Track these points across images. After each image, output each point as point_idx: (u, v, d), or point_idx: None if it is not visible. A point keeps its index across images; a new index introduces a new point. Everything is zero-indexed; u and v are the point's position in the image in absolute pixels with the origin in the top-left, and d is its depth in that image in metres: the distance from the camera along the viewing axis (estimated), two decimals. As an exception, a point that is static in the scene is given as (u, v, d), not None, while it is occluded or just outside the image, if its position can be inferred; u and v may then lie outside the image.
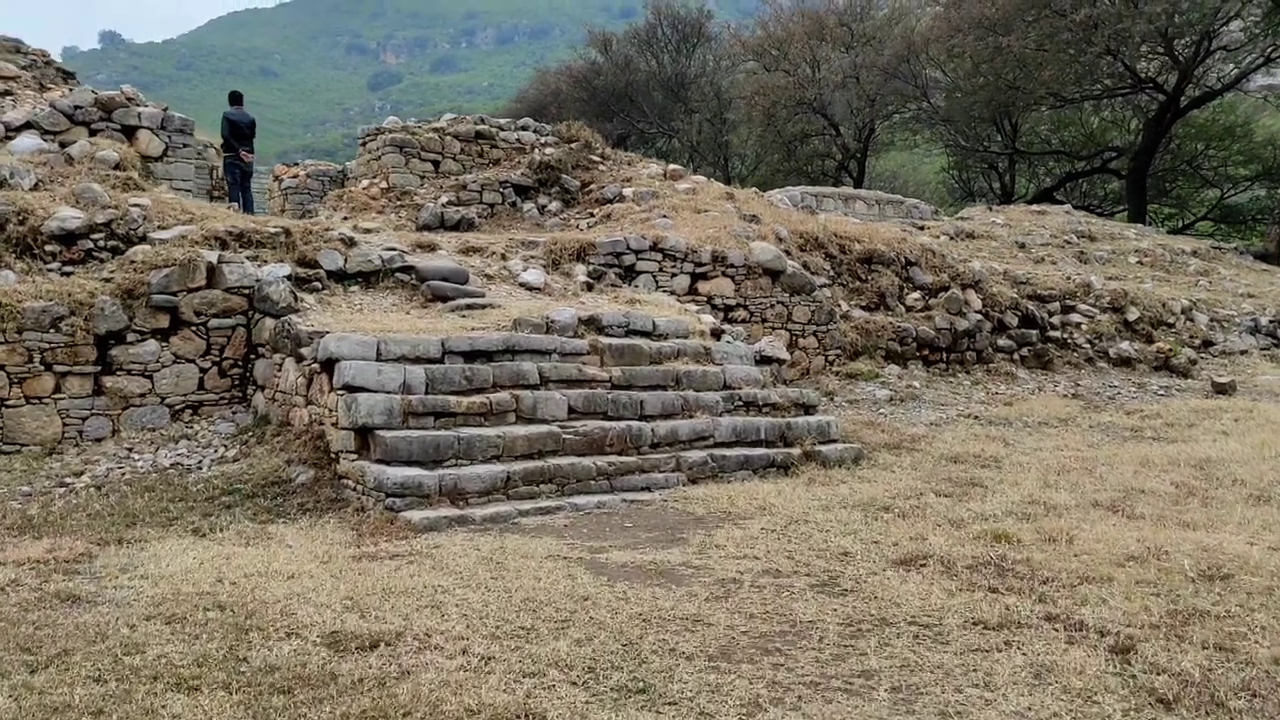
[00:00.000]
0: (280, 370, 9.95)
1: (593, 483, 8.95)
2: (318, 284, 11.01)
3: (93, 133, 13.88)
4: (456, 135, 17.51)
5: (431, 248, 12.81)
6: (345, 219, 16.08)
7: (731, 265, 14.09)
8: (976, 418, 13.50)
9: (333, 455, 8.87)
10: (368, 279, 11.49)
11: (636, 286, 13.27)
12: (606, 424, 9.50)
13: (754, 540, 7.36)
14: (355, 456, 8.56)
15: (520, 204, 17.05)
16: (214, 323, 10.36)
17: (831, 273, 15.87)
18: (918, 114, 39.40)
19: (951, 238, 21.25)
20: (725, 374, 10.82)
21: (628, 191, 16.51)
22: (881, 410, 13.60)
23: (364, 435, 8.55)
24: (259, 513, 8.24)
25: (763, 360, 11.52)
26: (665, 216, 15.01)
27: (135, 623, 5.43)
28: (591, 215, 16.20)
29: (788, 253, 15.06)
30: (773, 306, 14.46)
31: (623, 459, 9.27)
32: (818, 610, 5.71)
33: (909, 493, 9.04)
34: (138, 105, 14.38)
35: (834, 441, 10.76)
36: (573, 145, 17.96)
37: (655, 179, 17.19)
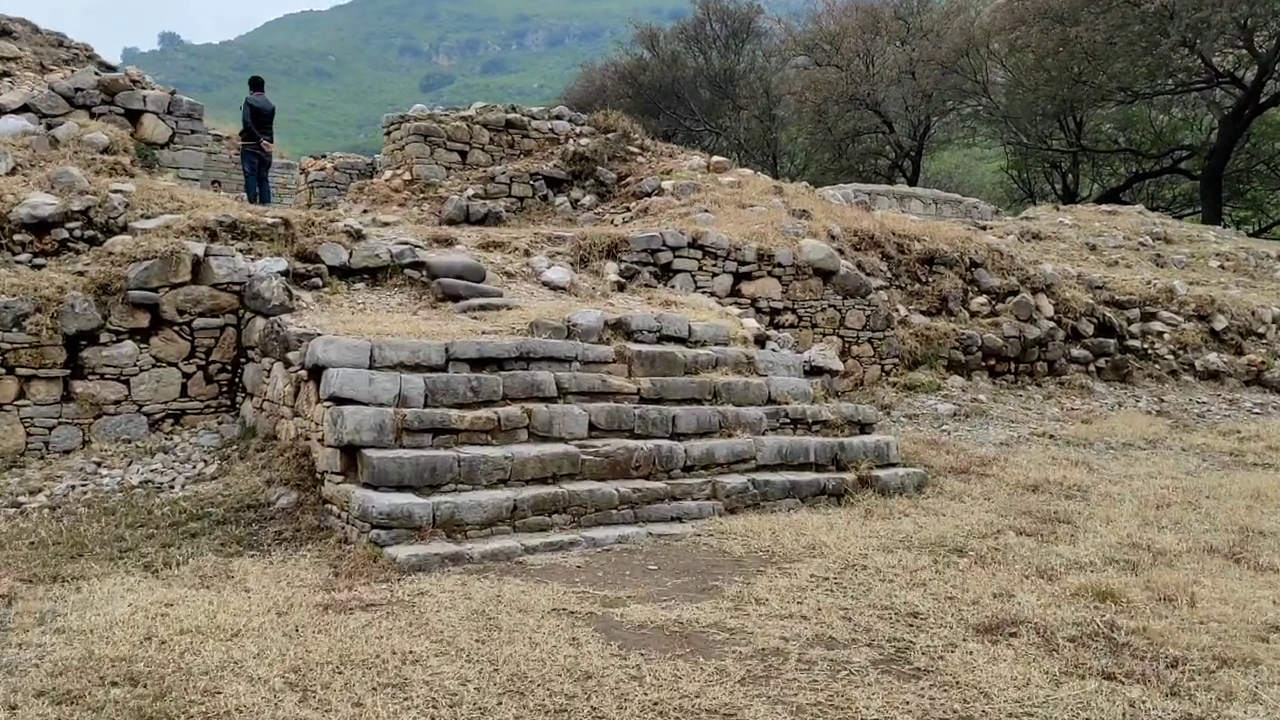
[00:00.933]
0: (269, 376, 8.87)
1: (614, 512, 7.73)
2: (318, 280, 9.92)
3: (94, 116, 12.95)
4: (485, 124, 16.40)
5: (449, 242, 11.69)
6: (365, 212, 15.05)
7: (779, 265, 12.80)
8: (1052, 437, 12.09)
9: (318, 476, 7.76)
10: (374, 275, 10.39)
11: (673, 287, 12.04)
12: (632, 443, 8.28)
13: (802, 592, 6.10)
14: (341, 478, 7.42)
15: (552, 197, 15.89)
16: (199, 322, 9.30)
17: (889, 274, 14.52)
18: (976, 110, 37.73)
19: (1017, 238, 19.74)
20: (770, 387, 9.56)
21: (667, 185, 15.28)
22: (944, 427, 12.24)
23: (351, 454, 7.41)
24: (228, 543, 7.13)
25: (813, 371, 10.23)
26: (707, 211, 13.78)
27: (19, 702, 4.31)
28: (627, 210, 15.00)
29: (841, 252, 13.74)
30: (824, 310, 13.15)
31: (650, 484, 8.04)
32: (885, 702, 4.44)
33: (984, 530, 7.73)
34: (143, 88, 13.44)
35: (893, 465, 9.45)
36: (609, 135, 16.78)
37: (697, 171, 15.95)
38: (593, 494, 7.67)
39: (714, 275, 12.42)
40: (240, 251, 9.74)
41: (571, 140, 16.66)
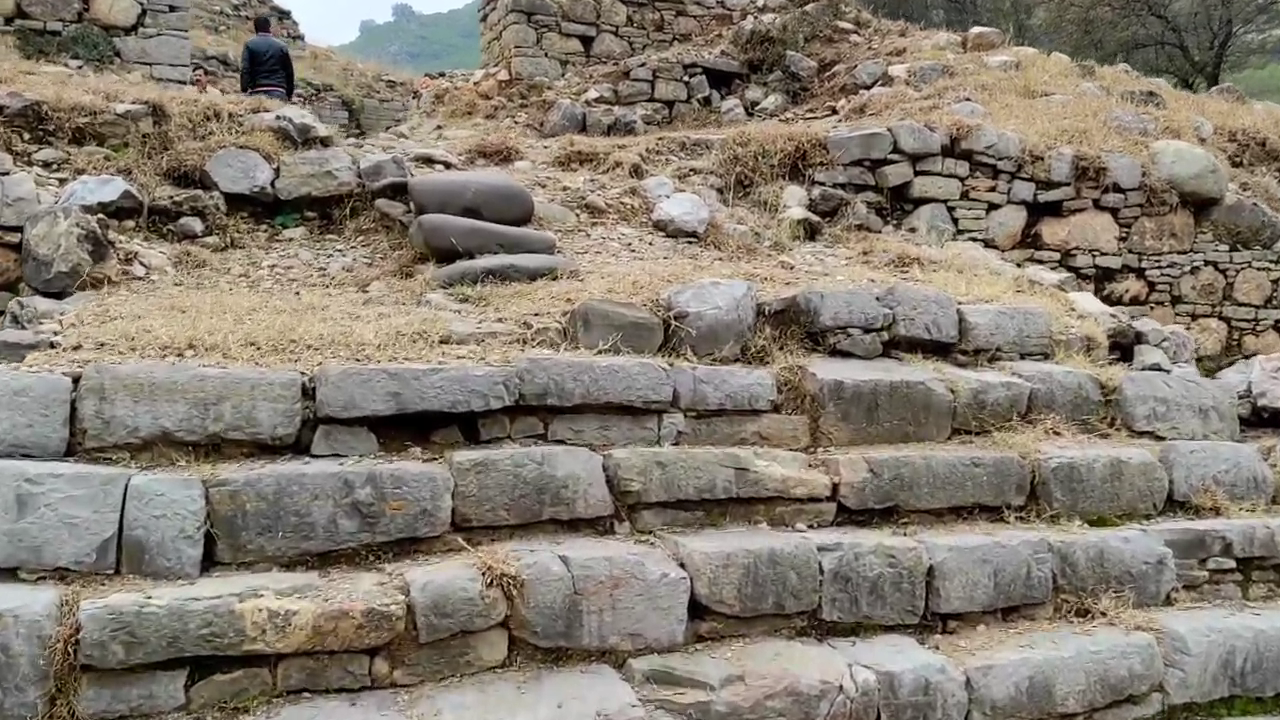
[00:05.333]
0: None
1: None
2: (195, 222, 5.01)
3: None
4: (622, -4, 11.09)
5: (506, 156, 6.54)
6: (438, 128, 10.16)
7: (1114, 186, 6.88)
8: None
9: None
10: (326, 212, 5.40)
11: (912, 230, 6.41)
12: (811, 665, 2.88)
13: None
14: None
15: (716, 100, 10.45)
16: (-65, 309, 4.58)
17: (1296, 205, 8.25)
18: (1303, 5, 28.99)
19: None
20: (1170, 466, 3.87)
21: (897, 70, 9.53)
22: None
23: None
24: None
25: (1261, 417, 4.41)
26: (968, 101, 7.97)
27: None
28: (832, 111, 9.37)
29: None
30: (1193, 270, 7.16)
31: (863, 818, 2.63)
32: None
33: None
34: (95, -55, 8.96)
35: None
36: (807, 8, 11.13)
37: (946, 50, 10.07)
38: None
39: (990, 208, 6.67)
40: (40, 166, 4.95)
41: (750, 17, 11.13)
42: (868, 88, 9.53)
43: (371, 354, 3.34)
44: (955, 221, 6.57)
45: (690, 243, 5.51)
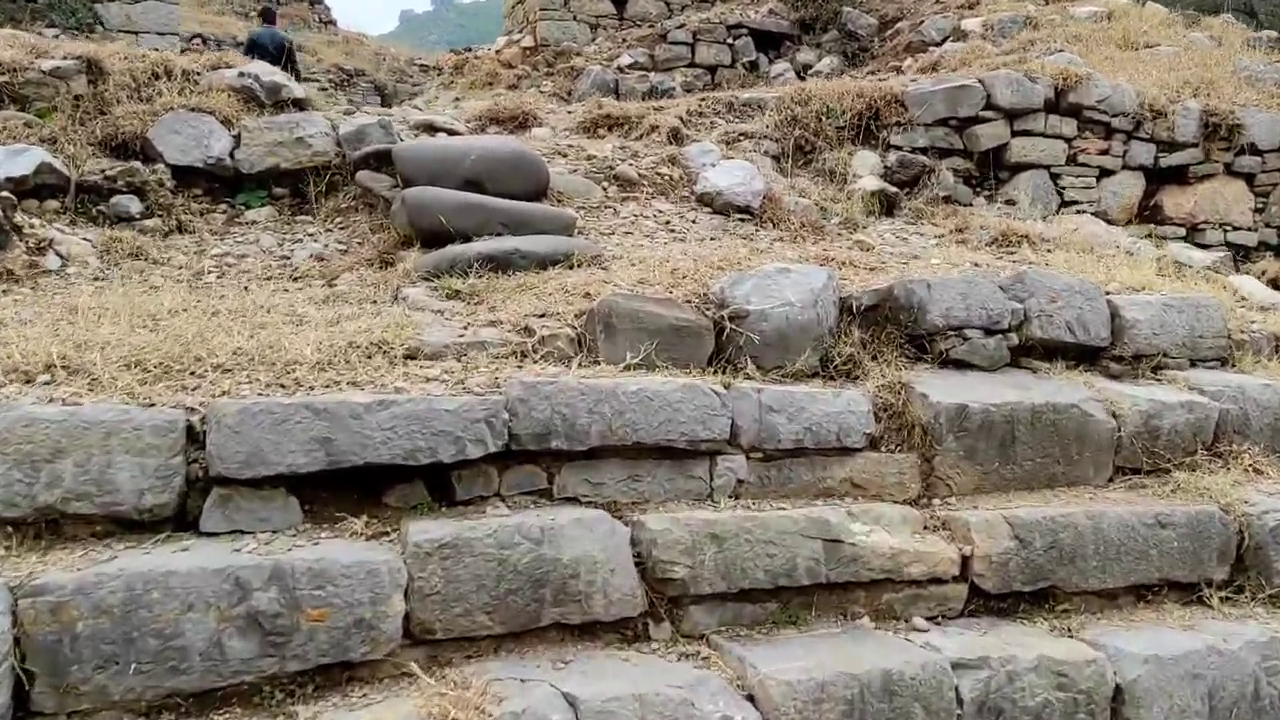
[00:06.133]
0: None
1: None
2: (132, 200, 4.08)
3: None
4: (658, -50, 10.04)
5: (521, 122, 5.54)
6: (456, 100, 9.20)
7: (1250, 147, 5.72)
8: None
9: None
10: (298, 189, 4.43)
11: (1012, 201, 5.31)
12: None
13: None
14: None
15: (765, 63, 9.38)
16: None
17: None
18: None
19: None
20: None
21: (972, 24, 8.41)
22: None
23: None
24: None
25: None
26: (1062, 51, 6.84)
27: None
28: (897, 72, 8.25)
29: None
30: (1341, 249, 5.99)
31: None
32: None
33: None
34: (74, -99, 8.08)
35: None
36: (866, -40, 10.01)
37: (1025, 1, 8.89)
38: None
39: (1101, 174, 5.56)
40: (-60, 135, 4.03)
41: (801, -27, 10.03)
42: (938, 45, 8.42)
43: (303, 376, 2.36)
44: (1060, 191, 5.46)
45: (743, 220, 4.48)
